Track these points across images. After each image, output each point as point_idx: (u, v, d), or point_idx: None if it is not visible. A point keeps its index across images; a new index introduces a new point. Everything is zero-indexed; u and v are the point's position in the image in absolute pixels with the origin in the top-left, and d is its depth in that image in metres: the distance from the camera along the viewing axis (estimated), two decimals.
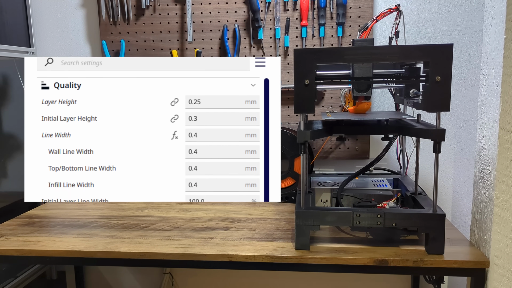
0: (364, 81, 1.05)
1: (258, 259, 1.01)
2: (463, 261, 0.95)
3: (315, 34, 1.46)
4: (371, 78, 1.05)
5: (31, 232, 1.20)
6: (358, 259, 0.98)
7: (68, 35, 1.63)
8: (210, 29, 1.51)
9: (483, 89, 1.01)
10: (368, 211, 1.00)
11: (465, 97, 1.47)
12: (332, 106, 1.50)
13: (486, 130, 0.99)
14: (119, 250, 1.05)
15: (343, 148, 1.51)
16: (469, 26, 1.44)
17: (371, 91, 1.08)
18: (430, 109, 0.95)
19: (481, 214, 1.01)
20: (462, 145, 1.50)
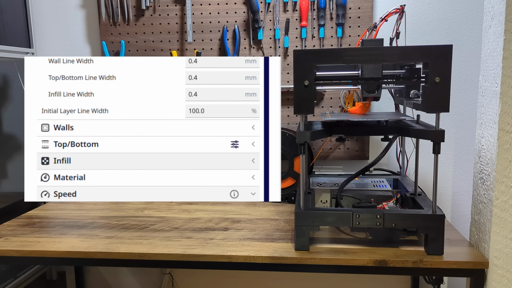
0: (373, 82, 1.04)
1: (257, 259, 1.01)
2: (463, 262, 0.95)
3: (315, 34, 1.47)
4: (380, 79, 1.04)
5: (31, 233, 1.20)
6: (358, 260, 0.98)
7: (68, 35, 1.63)
8: (210, 30, 1.51)
9: (482, 90, 1.01)
10: (368, 211, 1.00)
11: (465, 98, 1.47)
12: (332, 106, 1.50)
13: (485, 131, 0.99)
14: (119, 251, 1.05)
15: (343, 149, 1.51)
16: (469, 27, 1.44)
17: (380, 91, 1.07)
18: (430, 110, 0.95)
19: (480, 215, 1.01)
20: (461, 146, 1.50)
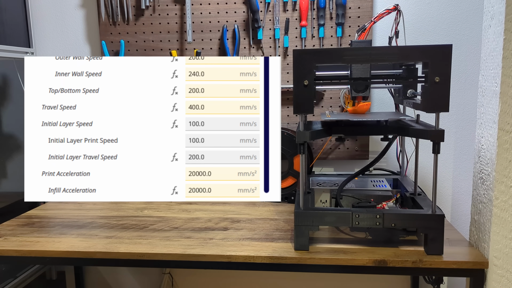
0: (362, 81, 1.05)
1: (257, 259, 1.01)
2: (462, 262, 0.95)
3: (315, 34, 1.46)
4: (369, 79, 1.05)
5: (30, 233, 1.20)
6: (357, 260, 0.98)
7: (67, 35, 1.63)
8: (209, 30, 1.51)
9: (482, 89, 1.01)
10: (367, 211, 1.00)
11: (464, 97, 1.47)
12: (331, 106, 1.50)
13: (485, 131, 0.99)
14: (118, 251, 1.05)
15: (343, 149, 1.51)
16: (468, 26, 1.44)
17: (369, 91, 1.08)
18: (429, 110, 0.95)
19: (480, 215, 1.01)
20: (461, 145, 1.50)
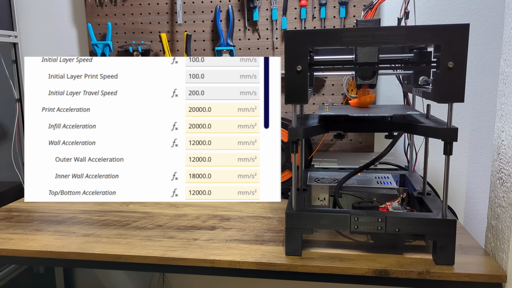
0: (368, 67, 0.93)
1: (243, 265, 0.91)
2: (476, 275, 0.83)
3: (316, 15, 1.33)
4: (376, 64, 0.93)
5: (6, 228, 1.12)
6: (355, 269, 0.87)
7: (53, 18, 1.53)
8: (201, 10, 1.39)
9: (503, 76, 0.88)
10: (368, 214, 0.88)
11: (483, 85, 1.33)
12: (333, 94, 1.37)
13: (506, 124, 0.86)
14: (93, 252, 0.97)
15: (345, 141, 1.39)
16: (488, 4, 1.29)
17: (376, 78, 0.96)
18: (441, 100, 0.83)
19: (498, 220, 0.89)
20: (477, 138, 1.36)
